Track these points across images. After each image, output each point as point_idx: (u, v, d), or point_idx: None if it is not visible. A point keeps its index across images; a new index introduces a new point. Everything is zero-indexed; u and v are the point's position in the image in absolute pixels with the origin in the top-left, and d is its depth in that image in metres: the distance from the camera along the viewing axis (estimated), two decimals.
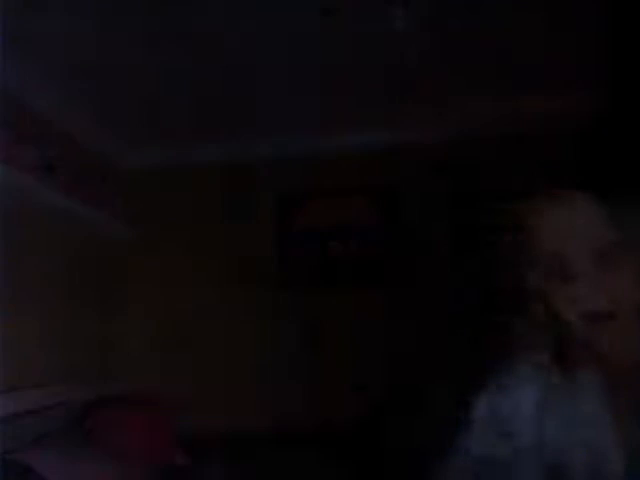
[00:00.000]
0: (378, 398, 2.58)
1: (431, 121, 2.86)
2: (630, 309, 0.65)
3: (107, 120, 2.75)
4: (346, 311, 2.82)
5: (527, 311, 0.74)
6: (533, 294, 0.73)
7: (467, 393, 0.79)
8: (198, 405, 2.74)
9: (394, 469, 2.16)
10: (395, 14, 1.83)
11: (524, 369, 0.77)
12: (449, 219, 2.86)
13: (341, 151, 3.00)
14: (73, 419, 2.29)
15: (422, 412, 2.23)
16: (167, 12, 1.92)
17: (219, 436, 2.58)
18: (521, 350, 0.78)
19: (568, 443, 0.69)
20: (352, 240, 2.95)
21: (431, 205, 2.91)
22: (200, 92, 2.51)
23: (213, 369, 2.86)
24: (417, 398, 2.36)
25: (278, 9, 1.93)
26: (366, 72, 2.38)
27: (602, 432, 0.68)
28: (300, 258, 2.98)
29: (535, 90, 2.63)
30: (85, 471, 1.85)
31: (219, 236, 3.04)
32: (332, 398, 2.69)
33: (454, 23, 2.06)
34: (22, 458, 1.74)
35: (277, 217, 3.03)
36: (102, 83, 2.40)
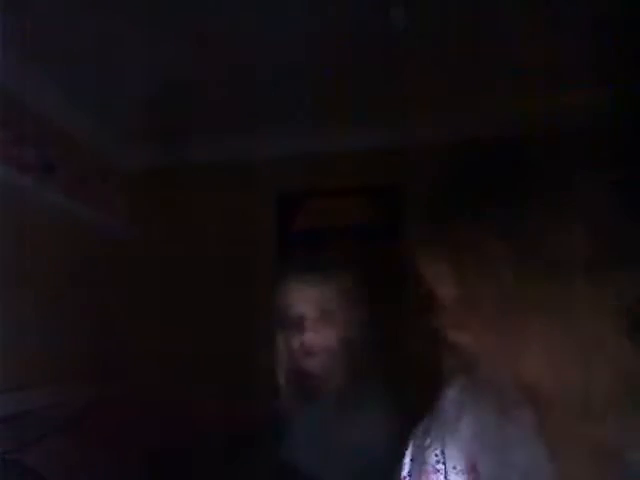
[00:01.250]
0: None
1: (432, 121, 2.86)
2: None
3: (107, 120, 2.75)
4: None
5: None
6: None
7: None
8: (198, 404, 2.74)
9: None
10: (396, 14, 1.84)
11: None
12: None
13: (341, 151, 3.00)
14: (73, 419, 2.29)
15: None
16: (168, 11, 1.92)
17: (219, 434, 2.58)
18: None
19: None
20: (352, 240, 2.95)
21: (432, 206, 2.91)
22: (200, 92, 2.51)
23: (213, 369, 2.85)
24: None
25: (278, 8, 1.93)
26: (366, 71, 2.38)
27: None
28: (300, 258, 2.98)
29: (536, 89, 2.63)
30: (84, 471, 1.85)
31: (219, 236, 3.04)
32: None
33: (455, 21, 2.06)
34: (22, 458, 1.74)
35: (277, 217, 3.03)
36: (102, 82, 2.40)
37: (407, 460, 0.78)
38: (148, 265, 3.06)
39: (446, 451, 0.74)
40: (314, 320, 1.64)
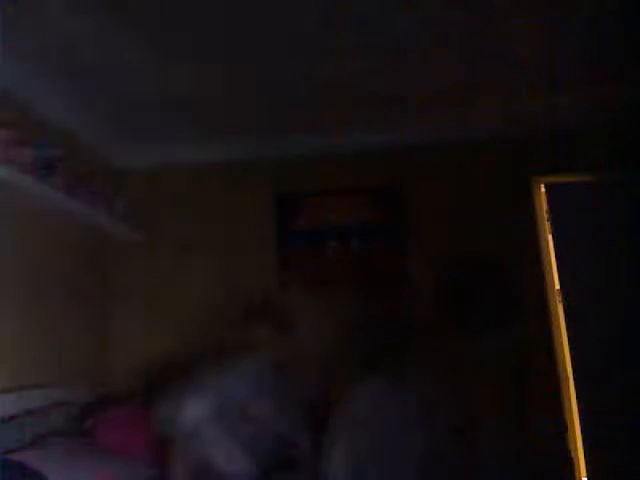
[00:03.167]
0: None
1: (432, 121, 2.86)
2: None
3: (107, 120, 2.75)
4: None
5: None
6: None
7: None
8: None
9: None
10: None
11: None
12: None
13: (341, 151, 3.00)
14: (73, 419, 2.29)
15: None
16: (166, 10, 1.92)
17: None
18: None
19: None
20: (352, 240, 2.95)
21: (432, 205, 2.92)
22: (200, 92, 2.51)
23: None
24: None
25: (278, 7, 1.93)
26: (367, 71, 2.38)
27: None
28: (300, 258, 2.98)
29: (537, 90, 2.63)
30: (85, 471, 1.85)
31: (219, 236, 3.04)
32: None
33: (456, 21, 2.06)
34: (22, 458, 1.74)
35: (277, 217, 3.03)
36: (102, 82, 2.40)
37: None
38: (148, 265, 3.06)
39: None
40: None
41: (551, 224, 2.84)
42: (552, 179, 2.89)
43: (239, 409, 2.01)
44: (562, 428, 2.61)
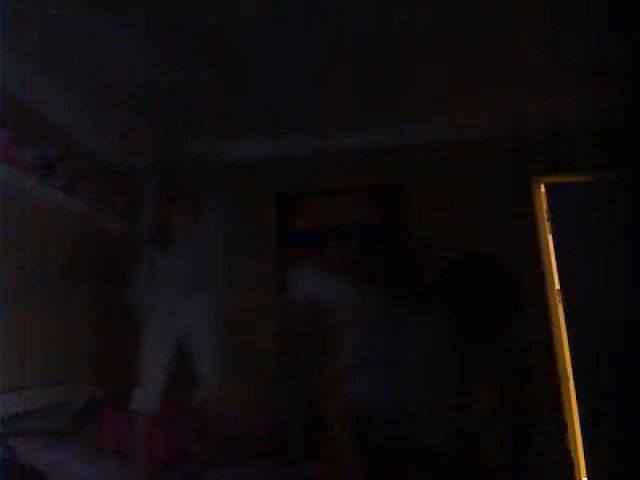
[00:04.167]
0: None
1: (432, 121, 2.86)
2: None
3: (107, 120, 2.75)
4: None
5: None
6: None
7: None
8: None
9: None
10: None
11: None
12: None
13: (341, 151, 3.00)
14: (73, 419, 2.29)
15: None
16: (166, 10, 1.92)
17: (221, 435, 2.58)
18: None
19: None
20: (352, 240, 2.95)
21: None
22: (200, 92, 2.51)
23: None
24: None
25: (278, 8, 1.93)
26: (367, 71, 2.38)
27: None
28: (300, 258, 2.98)
29: (538, 90, 2.63)
30: (85, 471, 1.85)
31: (219, 236, 3.04)
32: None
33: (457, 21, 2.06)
34: (23, 458, 1.74)
35: (277, 217, 3.03)
36: (102, 83, 2.39)
37: None
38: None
39: None
40: None
41: (551, 224, 2.84)
42: (552, 179, 2.89)
43: None
44: (562, 428, 2.61)
